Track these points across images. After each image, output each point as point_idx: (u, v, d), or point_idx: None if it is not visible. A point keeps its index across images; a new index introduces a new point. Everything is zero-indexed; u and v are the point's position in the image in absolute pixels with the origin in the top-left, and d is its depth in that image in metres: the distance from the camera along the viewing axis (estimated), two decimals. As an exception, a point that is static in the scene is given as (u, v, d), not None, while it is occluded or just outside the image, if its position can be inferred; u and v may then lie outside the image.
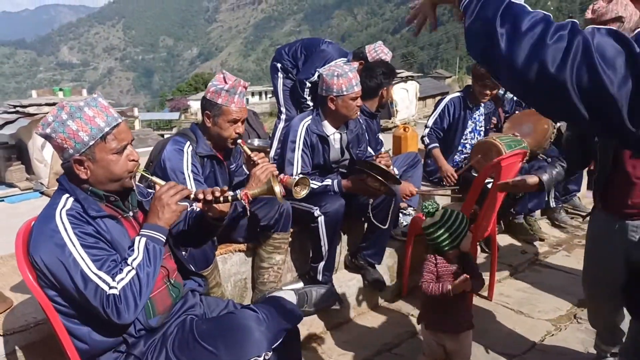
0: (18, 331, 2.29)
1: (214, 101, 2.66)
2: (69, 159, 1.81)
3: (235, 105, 2.66)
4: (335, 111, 3.32)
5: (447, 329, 2.57)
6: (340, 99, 3.27)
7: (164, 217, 1.86)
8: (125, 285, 1.72)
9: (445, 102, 4.58)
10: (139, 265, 1.76)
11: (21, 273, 1.81)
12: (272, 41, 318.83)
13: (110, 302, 1.69)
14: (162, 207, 1.86)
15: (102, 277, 1.71)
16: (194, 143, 2.74)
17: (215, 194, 1.98)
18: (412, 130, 5.60)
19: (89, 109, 1.78)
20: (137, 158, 1.90)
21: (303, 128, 3.31)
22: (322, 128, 3.37)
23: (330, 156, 3.43)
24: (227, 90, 2.63)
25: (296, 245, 3.43)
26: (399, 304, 3.71)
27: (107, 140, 1.80)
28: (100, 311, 1.70)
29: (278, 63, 4.78)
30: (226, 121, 2.68)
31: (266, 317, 1.90)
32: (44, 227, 1.75)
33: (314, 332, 3.26)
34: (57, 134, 1.78)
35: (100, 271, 1.71)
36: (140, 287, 1.74)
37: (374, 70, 3.89)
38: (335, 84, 3.25)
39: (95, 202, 1.84)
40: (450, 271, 2.57)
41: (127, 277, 1.73)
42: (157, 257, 1.82)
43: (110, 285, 1.71)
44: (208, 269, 2.71)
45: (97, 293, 1.69)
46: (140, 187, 2.12)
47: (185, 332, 1.90)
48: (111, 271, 1.74)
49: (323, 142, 3.37)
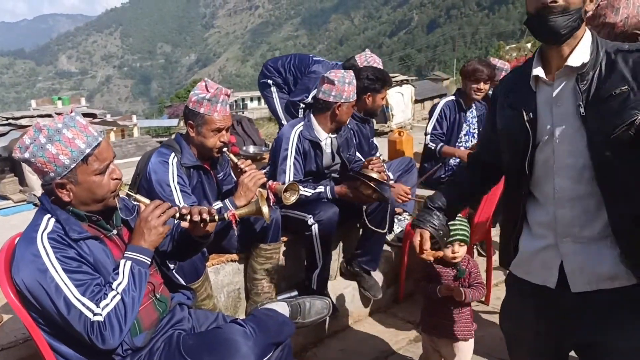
0: (7, 347, 2.27)
1: (197, 111, 2.62)
2: (50, 182, 1.76)
3: (219, 114, 2.62)
4: (337, 117, 3.31)
5: (442, 335, 2.58)
6: (345, 106, 3.28)
7: (150, 239, 1.83)
8: (110, 311, 1.69)
9: (440, 106, 4.55)
10: (124, 290, 1.73)
11: (3, 292, 1.77)
12: (269, 46, 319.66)
13: (95, 329, 1.66)
14: (149, 229, 1.83)
15: (86, 304, 1.68)
16: (179, 154, 2.70)
17: (202, 215, 1.92)
18: (407, 134, 5.60)
19: (68, 130, 1.73)
20: (120, 176, 1.86)
21: (295, 135, 3.28)
22: (314, 134, 3.34)
23: (323, 162, 3.40)
24: (209, 99, 2.59)
25: (290, 253, 3.40)
26: (395, 310, 3.69)
27: (88, 161, 1.76)
28: (85, 337, 1.66)
29: (268, 79, 4.77)
30: (210, 130, 2.64)
31: (254, 332, 1.87)
32: (25, 251, 1.71)
33: (309, 340, 3.24)
34: (36, 159, 1.72)
35: (84, 297, 1.68)
36: (125, 312, 1.71)
37: (360, 73, 3.85)
38: (346, 90, 3.25)
39: (77, 223, 1.80)
40: (445, 274, 2.58)
41: (112, 303, 1.70)
42: (142, 281, 1.79)
43: (95, 312, 1.68)
44: (198, 281, 2.66)
45: (81, 320, 1.66)
46: (125, 200, 2.08)
47: (172, 348, 1.87)
48: (95, 297, 1.71)
49: (316, 147, 3.34)
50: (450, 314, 2.56)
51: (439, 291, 2.53)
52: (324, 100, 3.30)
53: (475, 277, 2.61)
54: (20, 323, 2.40)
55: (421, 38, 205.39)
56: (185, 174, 2.70)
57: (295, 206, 3.13)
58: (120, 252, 1.89)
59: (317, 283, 3.22)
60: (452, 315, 2.56)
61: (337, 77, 3.26)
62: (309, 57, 4.75)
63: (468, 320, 2.59)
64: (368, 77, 3.81)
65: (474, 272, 2.62)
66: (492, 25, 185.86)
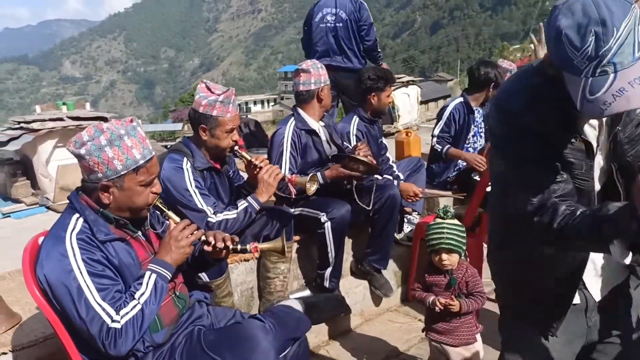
0: (27, 346, 2.30)
1: (209, 114, 2.63)
2: (95, 182, 1.81)
3: (231, 115, 2.66)
4: (324, 101, 3.43)
5: (447, 341, 2.52)
6: (326, 89, 3.41)
7: (174, 257, 1.90)
8: (128, 320, 1.74)
9: (449, 109, 4.50)
10: (145, 301, 1.79)
11: (28, 289, 1.81)
12: (272, 49, 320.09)
13: (110, 335, 1.71)
14: (177, 248, 1.90)
15: (106, 309, 1.73)
16: (191, 158, 2.71)
17: (226, 242, 1.99)
18: (415, 135, 5.61)
19: (129, 139, 1.79)
20: (159, 191, 1.94)
21: (289, 130, 3.33)
22: (308, 124, 3.40)
23: (324, 149, 3.46)
24: (222, 102, 2.61)
25: (302, 252, 3.44)
26: (406, 309, 3.71)
27: (139, 172, 1.82)
28: (97, 341, 1.71)
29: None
30: (224, 131, 2.67)
31: (273, 327, 1.91)
32: (52, 249, 1.76)
33: (322, 339, 3.27)
34: (91, 157, 1.77)
35: (104, 302, 1.73)
36: (142, 323, 1.77)
37: (362, 75, 3.90)
38: (321, 74, 3.38)
39: (104, 225, 1.85)
40: (440, 283, 2.52)
41: (131, 312, 1.76)
42: (162, 295, 1.86)
43: (113, 319, 1.73)
44: (221, 277, 2.71)
45: (98, 324, 1.71)
46: (156, 215, 2.14)
47: (193, 343, 1.91)
48: (115, 303, 1.76)
49: (313, 135, 3.40)
50: (452, 321, 2.50)
51: (430, 304, 2.48)
52: (306, 91, 3.38)
53: (474, 286, 2.49)
54: (40, 323, 2.46)
55: (424, 39, 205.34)
56: (200, 176, 2.73)
57: (308, 204, 3.17)
58: (144, 252, 1.95)
59: (329, 281, 3.25)
60: (453, 323, 2.49)
61: (309, 65, 3.37)
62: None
63: (471, 325, 2.52)
64: (370, 77, 3.85)
65: (471, 281, 2.49)
66: (495, 26, 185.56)
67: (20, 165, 5.28)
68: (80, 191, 1.89)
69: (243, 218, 2.74)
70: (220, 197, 2.87)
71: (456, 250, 2.46)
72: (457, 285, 2.48)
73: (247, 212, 2.75)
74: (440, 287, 2.52)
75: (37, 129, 4.98)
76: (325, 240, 3.15)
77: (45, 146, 5.11)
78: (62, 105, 6.18)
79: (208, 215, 2.65)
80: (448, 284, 2.49)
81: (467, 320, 2.51)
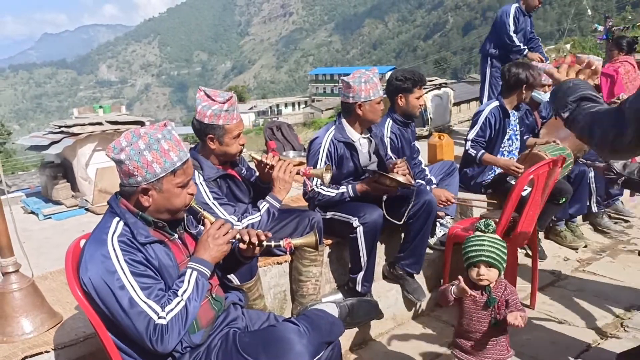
0: (68, 345, 2.37)
1: (216, 124, 2.65)
2: (135, 186, 1.87)
3: (236, 121, 2.71)
4: (362, 117, 3.37)
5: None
6: (367, 104, 3.32)
7: (213, 254, 1.95)
8: (173, 316, 1.79)
9: (485, 114, 4.40)
10: (188, 298, 1.84)
11: (71, 290, 1.87)
12: (303, 52, 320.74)
13: (157, 331, 1.75)
14: (215, 245, 1.95)
15: (151, 306, 1.78)
16: (200, 170, 2.73)
17: (260, 238, 2.03)
18: (448, 138, 5.56)
19: (165, 142, 1.85)
20: (195, 192, 2.00)
21: (327, 139, 3.35)
22: (347, 135, 3.40)
23: (360, 161, 3.45)
24: (227, 110, 2.64)
25: (334, 256, 3.45)
26: (439, 314, 3.68)
27: (176, 174, 1.88)
28: (145, 338, 1.75)
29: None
30: (232, 138, 2.71)
31: (307, 330, 1.92)
32: (95, 252, 1.81)
33: (354, 342, 3.27)
34: (131, 161, 1.82)
35: (149, 299, 1.78)
36: (186, 319, 1.82)
37: (392, 75, 3.91)
38: (363, 90, 3.29)
39: (144, 227, 1.91)
40: (478, 301, 2.37)
41: (176, 308, 1.80)
42: (203, 291, 1.91)
43: (159, 315, 1.78)
44: (251, 280, 2.74)
45: (144, 321, 1.75)
46: (190, 218, 2.19)
47: (228, 345, 1.93)
48: (160, 301, 1.81)
49: (351, 148, 3.40)
50: (486, 341, 2.35)
51: (452, 292, 2.36)
52: (345, 103, 3.39)
53: (514, 306, 2.31)
54: (80, 322, 2.53)
55: (456, 40, 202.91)
56: (215, 186, 2.76)
57: (340, 208, 3.18)
58: (182, 254, 2.00)
59: (361, 285, 3.26)
60: (484, 341, 2.36)
61: (353, 79, 3.33)
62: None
63: (503, 348, 2.38)
64: (397, 78, 3.85)
65: (511, 299, 2.33)
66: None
67: (60, 168, 5.43)
68: (119, 195, 1.95)
69: (267, 219, 2.78)
70: (240, 199, 2.90)
71: (496, 265, 2.33)
72: (496, 304, 2.32)
73: (270, 212, 2.79)
74: (478, 305, 2.37)
75: (77, 133, 5.12)
76: (357, 244, 3.16)
77: (84, 150, 5.26)
78: (98, 109, 6.33)
79: (233, 223, 2.68)
80: (486, 304, 2.34)
81: (500, 342, 2.38)
